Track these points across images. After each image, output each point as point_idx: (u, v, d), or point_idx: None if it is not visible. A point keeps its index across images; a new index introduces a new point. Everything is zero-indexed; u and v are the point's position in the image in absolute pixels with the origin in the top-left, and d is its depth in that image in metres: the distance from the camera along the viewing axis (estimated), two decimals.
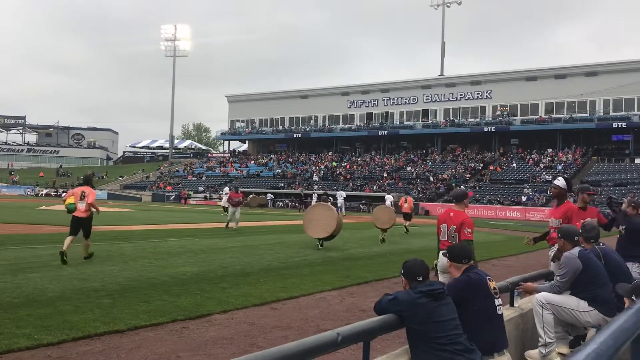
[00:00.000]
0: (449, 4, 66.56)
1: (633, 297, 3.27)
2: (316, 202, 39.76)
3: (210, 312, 7.12)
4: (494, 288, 3.96)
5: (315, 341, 2.92)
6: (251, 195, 44.73)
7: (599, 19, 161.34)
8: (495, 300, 3.92)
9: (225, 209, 30.93)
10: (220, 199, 35.72)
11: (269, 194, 55.78)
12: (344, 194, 40.63)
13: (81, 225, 11.22)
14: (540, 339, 4.78)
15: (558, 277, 4.88)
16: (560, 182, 7.13)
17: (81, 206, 11.19)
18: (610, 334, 2.09)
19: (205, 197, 58.73)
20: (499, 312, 3.92)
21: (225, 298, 7.93)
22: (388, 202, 42.47)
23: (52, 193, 64.77)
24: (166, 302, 7.50)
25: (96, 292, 7.93)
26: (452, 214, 6.70)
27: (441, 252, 6.55)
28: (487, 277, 4.00)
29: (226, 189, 33.44)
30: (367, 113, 66.92)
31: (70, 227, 11.24)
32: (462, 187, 42.14)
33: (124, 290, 8.17)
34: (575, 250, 4.89)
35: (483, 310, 3.84)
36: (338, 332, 3.05)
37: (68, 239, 10.87)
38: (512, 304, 5.33)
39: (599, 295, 4.70)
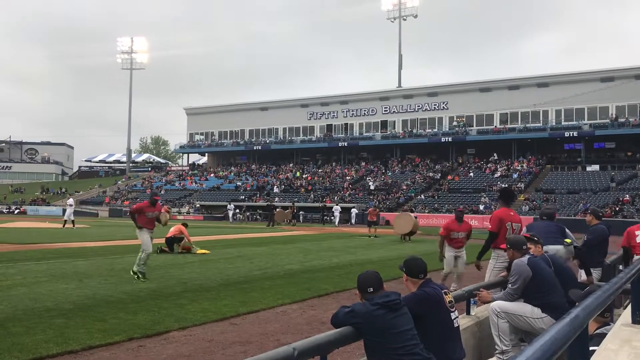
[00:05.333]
0: (405, 17, 67.64)
1: None
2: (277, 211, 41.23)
3: (167, 329, 7.00)
4: (450, 301, 4.01)
5: (271, 357, 2.89)
6: (278, 209, 42.71)
7: (556, 30, 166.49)
8: (452, 313, 3.96)
9: (68, 222, 29.84)
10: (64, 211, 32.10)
11: (229, 206, 55.12)
12: (339, 207, 44.39)
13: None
14: (497, 347, 4.87)
15: (510, 285, 4.98)
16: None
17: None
18: (548, 340, 2.15)
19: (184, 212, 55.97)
20: (455, 325, 3.97)
21: (184, 314, 7.80)
22: (337, 214, 43.41)
23: (4, 210, 62.69)
24: (122, 320, 7.33)
25: (48, 312, 7.69)
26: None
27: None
28: (443, 291, 4.04)
29: (70, 200, 31.84)
30: (327, 125, 67.22)
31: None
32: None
33: (78, 309, 7.95)
34: (525, 258, 5.00)
35: (439, 323, 3.88)
36: (294, 346, 3.03)
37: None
38: (468, 313, 5.40)
39: (551, 301, 4.82)
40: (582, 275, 7.35)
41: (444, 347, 3.89)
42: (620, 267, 7.88)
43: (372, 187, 55.42)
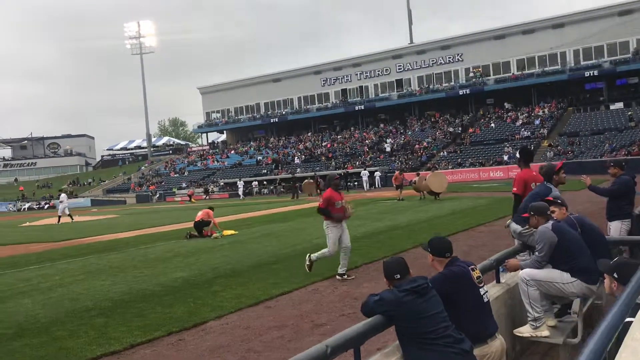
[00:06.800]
0: None
1: (615, 275, 3.32)
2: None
3: (204, 319, 7.15)
4: (478, 277, 4.02)
5: (306, 357, 2.96)
6: (306, 181, 42.95)
7: None
8: (480, 289, 3.98)
9: (68, 216, 29.31)
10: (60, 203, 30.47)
11: (254, 182, 55.58)
12: (367, 172, 45.15)
13: None
14: (528, 315, 4.88)
15: (537, 252, 4.97)
16: (517, 153, 7.42)
17: None
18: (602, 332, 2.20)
19: (207, 192, 54.78)
20: (485, 300, 3.99)
21: (219, 302, 7.95)
22: (365, 178, 43.65)
23: (34, 206, 64.05)
24: (160, 314, 7.51)
25: (88, 312, 7.90)
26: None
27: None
28: (470, 267, 4.05)
29: (63, 195, 30.93)
30: (341, 90, 66.74)
31: None
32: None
33: (116, 306, 8.15)
34: (549, 224, 4.97)
35: (469, 301, 3.90)
36: (327, 344, 3.09)
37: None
38: (498, 281, 5.42)
39: (579, 264, 4.80)
40: (610, 229, 7.30)
41: (476, 323, 3.92)
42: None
43: (387, 149, 55.16)
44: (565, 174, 6.68)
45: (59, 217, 29.86)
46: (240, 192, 49.11)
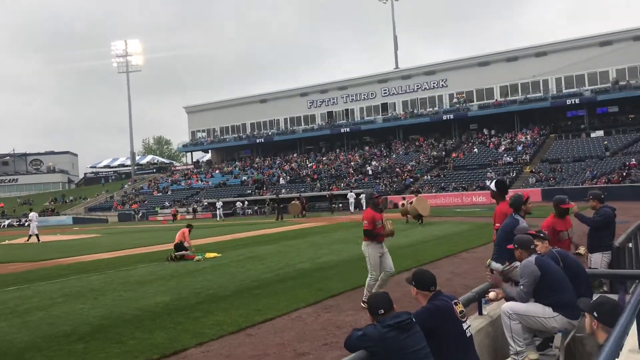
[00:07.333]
0: None
1: (595, 314, 3.35)
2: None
3: (185, 346, 7.06)
4: (461, 311, 4.04)
5: None
6: (292, 202, 43.02)
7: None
8: (463, 324, 3.99)
9: (35, 236, 28.59)
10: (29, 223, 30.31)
11: (237, 202, 55.42)
12: (353, 194, 45.74)
13: None
14: (511, 348, 4.90)
15: (521, 287, 5.00)
16: (492, 185, 7.33)
17: None
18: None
19: (195, 211, 54.85)
20: (468, 335, 4.00)
21: (200, 329, 7.87)
22: (351, 200, 43.87)
23: (14, 223, 63.12)
24: (139, 341, 7.41)
25: (67, 338, 7.76)
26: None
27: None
28: (454, 302, 4.07)
29: (32, 214, 30.80)
30: (327, 112, 67.11)
31: None
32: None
33: (95, 332, 8.03)
34: (532, 258, 5.01)
35: (452, 336, 3.91)
36: None
37: None
38: (480, 313, 5.44)
39: (561, 299, 4.84)
40: (591, 261, 7.38)
41: (459, 358, 3.93)
42: (630, 244, 7.87)
43: (370, 172, 55.48)
44: (531, 204, 6.77)
45: (30, 235, 29.45)
46: (218, 212, 48.90)
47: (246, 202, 55.44)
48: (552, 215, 7.17)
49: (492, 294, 5.24)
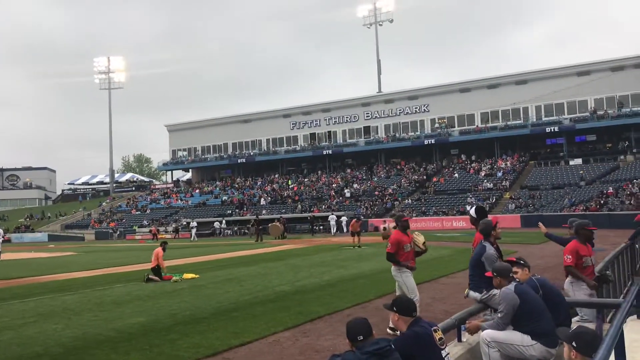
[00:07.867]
0: (381, 23, 68.10)
1: (573, 344, 3.35)
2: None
3: None
4: (440, 338, 4.02)
5: None
6: (272, 223, 43.02)
7: (538, 23, 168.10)
8: (442, 351, 3.97)
9: None
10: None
11: (216, 222, 55.06)
12: (334, 216, 45.77)
13: None
14: None
15: (499, 315, 5.00)
16: (472, 211, 7.37)
17: None
18: None
19: (176, 230, 53.60)
20: None
21: (176, 351, 7.72)
22: (333, 222, 43.88)
23: None
24: None
25: (38, 358, 7.58)
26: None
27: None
28: (433, 329, 4.05)
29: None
30: (310, 133, 67.33)
31: None
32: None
33: (68, 353, 7.84)
34: (512, 286, 5.02)
35: None
36: None
37: None
38: (459, 340, 5.42)
39: (540, 327, 4.85)
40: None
41: None
42: (607, 272, 7.92)
43: (347, 195, 55.63)
44: (500, 230, 6.84)
45: None
46: (192, 232, 48.55)
47: (224, 222, 55.07)
48: (575, 241, 7.18)
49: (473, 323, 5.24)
